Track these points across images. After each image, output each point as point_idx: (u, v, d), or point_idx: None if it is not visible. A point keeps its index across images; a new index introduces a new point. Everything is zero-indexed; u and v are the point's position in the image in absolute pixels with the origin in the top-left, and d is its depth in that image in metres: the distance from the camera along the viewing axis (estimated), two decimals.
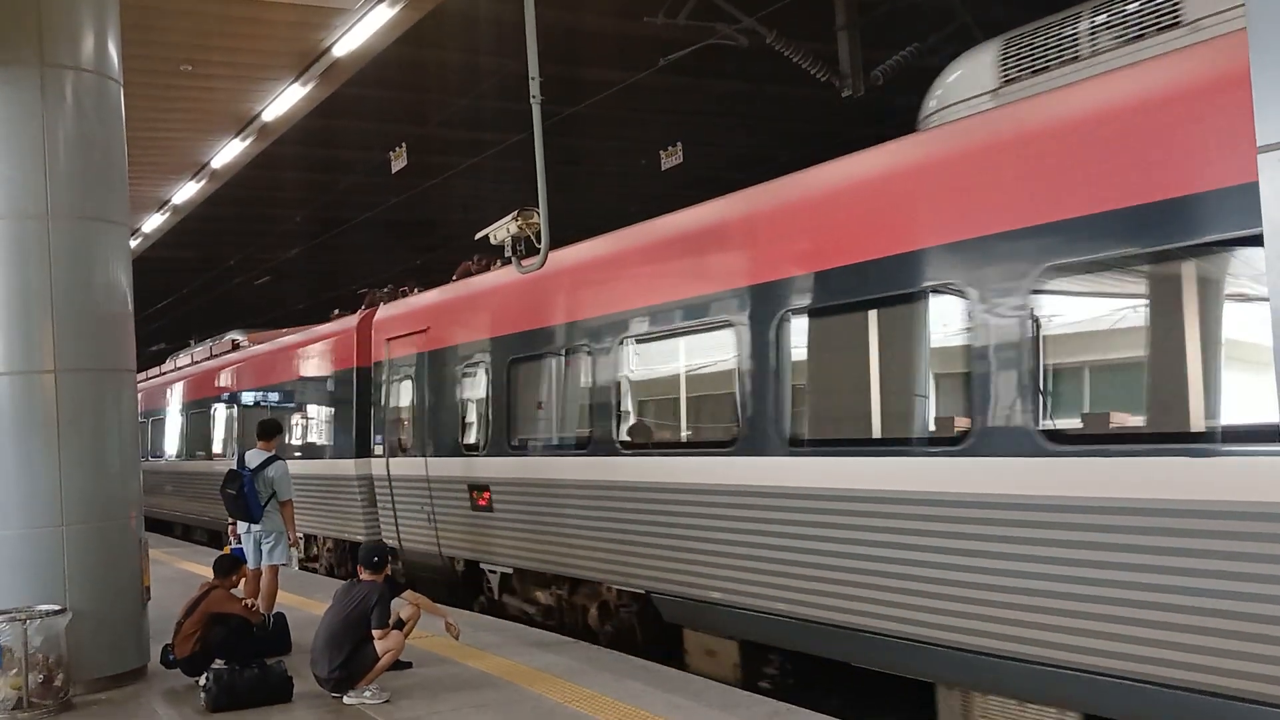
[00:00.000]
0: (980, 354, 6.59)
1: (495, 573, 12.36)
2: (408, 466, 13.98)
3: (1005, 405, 6.41)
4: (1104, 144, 6.07)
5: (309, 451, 17.26)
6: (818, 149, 10.64)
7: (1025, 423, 6.28)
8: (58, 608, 8.38)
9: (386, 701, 8.04)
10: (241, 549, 10.58)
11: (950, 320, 6.94)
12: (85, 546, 8.75)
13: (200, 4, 11.32)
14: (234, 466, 10.76)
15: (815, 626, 7.89)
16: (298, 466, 16.12)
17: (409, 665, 9.00)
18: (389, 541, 14.04)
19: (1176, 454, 5.59)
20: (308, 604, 11.96)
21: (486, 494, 12.08)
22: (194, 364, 25.76)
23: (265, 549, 10.64)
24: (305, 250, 30.85)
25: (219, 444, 22.62)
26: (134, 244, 20.80)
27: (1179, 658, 5.59)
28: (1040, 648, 6.22)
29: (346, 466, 15.68)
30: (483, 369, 12.30)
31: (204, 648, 8.79)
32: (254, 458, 10.72)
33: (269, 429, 11.14)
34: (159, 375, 29.37)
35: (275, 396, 19.13)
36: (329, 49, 12.52)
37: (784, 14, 14.22)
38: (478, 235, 11.44)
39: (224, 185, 19.10)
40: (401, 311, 14.71)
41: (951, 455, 6.72)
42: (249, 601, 9.22)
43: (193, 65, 13.03)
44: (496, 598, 12.34)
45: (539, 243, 9.87)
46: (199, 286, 36.26)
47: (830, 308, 7.84)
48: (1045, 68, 7.02)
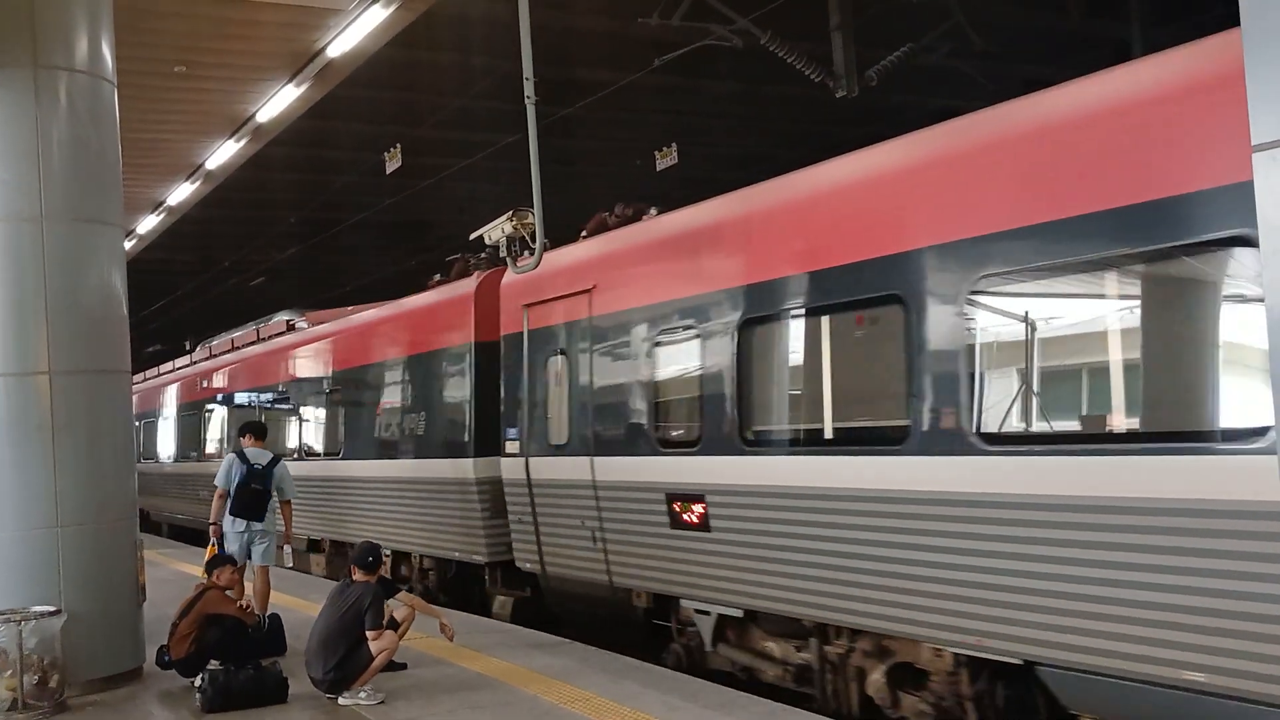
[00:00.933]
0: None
1: (707, 614, 9.25)
2: (561, 468, 10.94)
3: None
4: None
5: (395, 449, 14.51)
6: (813, 149, 10.65)
7: None
8: (53, 609, 8.37)
9: (381, 703, 8.04)
10: (222, 551, 10.46)
11: None
12: (80, 548, 8.74)
13: (194, 5, 11.30)
14: (243, 466, 10.63)
15: None
16: (376, 468, 14.98)
17: (404, 666, 9.00)
18: (526, 563, 11.66)
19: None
20: (303, 605, 11.95)
21: (699, 506, 9.03)
22: (237, 350, 22.49)
23: (259, 549, 10.62)
24: (300, 251, 30.80)
25: (285, 441, 18.69)
26: (129, 245, 20.78)
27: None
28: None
29: (461, 468, 12.77)
30: (695, 336, 9.22)
31: (199, 649, 8.79)
32: (260, 455, 10.70)
33: (260, 428, 11.26)
34: (190, 365, 26.25)
35: (351, 383, 16.21)
36: (323, 50, 12.51)
37: (778, 14, 14.23)
38: (472, 235, 11.43)
39: (218, 187, 19.06)
40: (548, 270, 11.03)
41: None
42: (244, 603, 9.21)
43: (186, 67, 13.01)
44: (709, 647, 9.31)
45: (534, 243, 9.88)
46: (194, 288, 36.22)
47: None
48: None
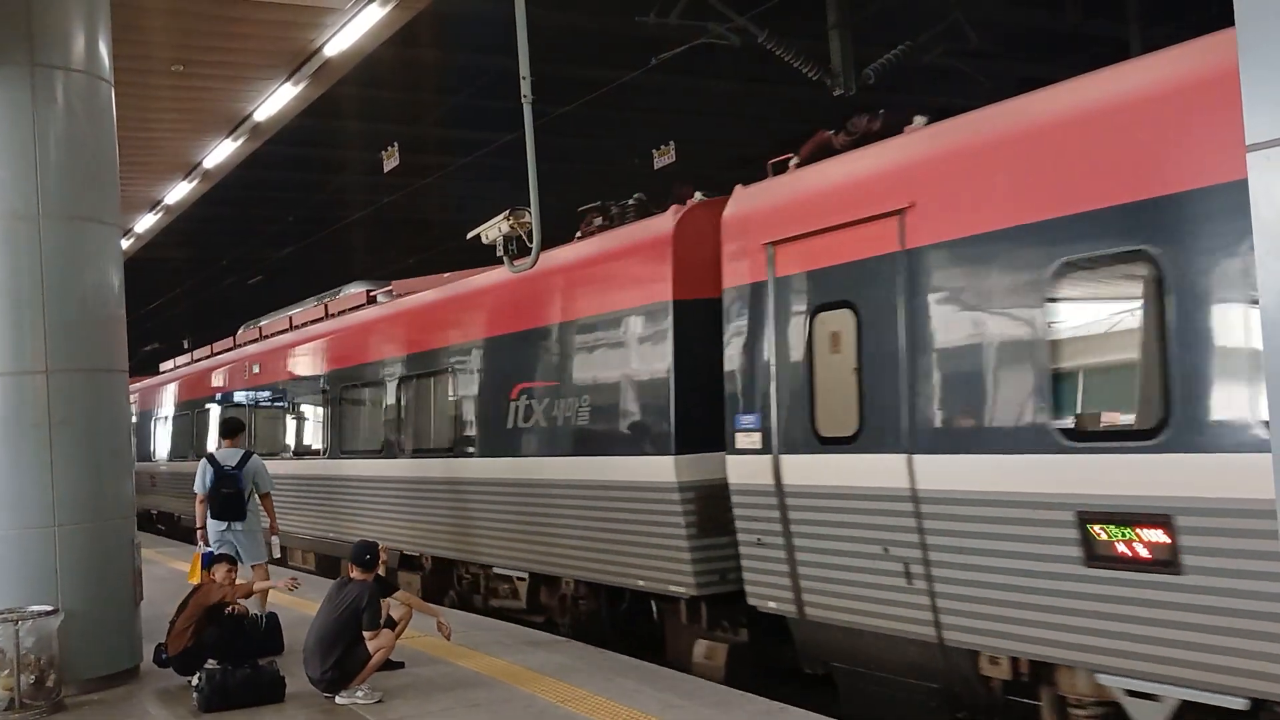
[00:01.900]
0: None
1: (1154, 699, 6.07)
2: (842, 470, 7.79)
3: None
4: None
5: (540, 444, 11.00)
6: None
7: None
8: (50, 608, 8.36)
9: (379, 701, 8.04)
10: (210, 553, 10.46)
11: None
12: (77, 547, 8.73)
13: (191, 4, 11.29)
14: (212, 470, 10.68)
15: None
16: (508, 468, 11.53)
17: (401, 665, 9.00)
18: (770, 602, 8.42)
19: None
20: (300, 604, 11.94)
21: (1157, 534, 5.85)
22: (297, 329, 18.76)
23: (248, 548, 10.63)
24: (298, 250, 30.83)
25: (370, 438, 15.13)
26: (126, 244, 20.84)
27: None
28: None
29: (655, 469, 9.34)
30: (1147, 265, 5.94)
31: (197, 645, 8.78)
32: (230, 456, 10.73)
33: (234, 426, 11.29)
34: (234, 350, 22.11)
35: (469, 363, 12.48)
36: (320, 49, 12.49)
37: (776, 13, 14.26)
38: (469, 235, 11.43)
39: (216, 185, 19.06)
40: (807, 192, 8.39)
41: None
42: (234, 605, 9.16)
43: (184, 65, 13.00)
44: None
45: (530, 242, 9.88)
46: (191, 287, 36.24)
47: None
48: None
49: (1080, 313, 6.58)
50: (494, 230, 10.76)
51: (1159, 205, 5.86)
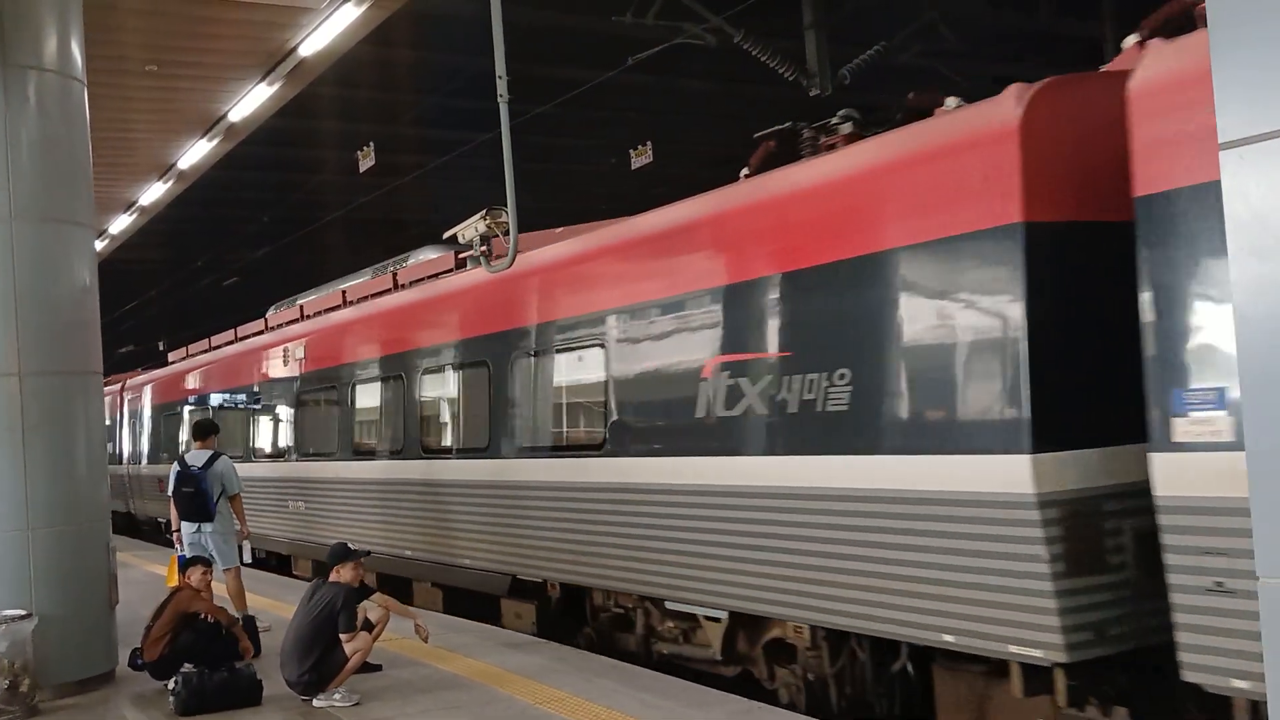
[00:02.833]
0: None
1: None
2: None
3: None
4: None
5: (769, 437, 7.99)
6: None
7: None
8: (24, 612, 8.29)
9: (357, 704, 8.00)
10: (184, 556, 10.43)
11: None
12: (52, 551, 8.66)
13: (164, 4, 11.23)
14: (178, 469, 10.72)
15: None
16: (704, 470, 8.46)
17: (379, 668, 8.96)
18: (1246, 679, 5.35)
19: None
20: (278, 606, 11.90)
21: None
22: (353, 305, 15.60)
23: (221, 550, 10.59)
24: (274, 250, 30.71)
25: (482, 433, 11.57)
26: (101, 246, 20.66)
27: None
28: None
29: (997, 473, 6.41)
30: None
31: (173, 650, 8.72)
32: (198, 457, 10.71)
33: (205, 428, 11.20)
34: (268, 333, 18.62)
35: (634, 332, 9.32)
36: (295, 49, 12.45)
37: (752, 13, 14.28)
38: (446, 234, 11.41)
39: (191, 186, 18.97)
40: None
41: None
42: (210, 614, 9.10)
43: (158, 65, 12.93)
44: None
45: (507, 242, 9.85)
46: (167, 288, 36.04)
47: None
48: None
49: None
50: (470, 230, 10.75)
51: None
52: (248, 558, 11.28)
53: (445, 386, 12.49)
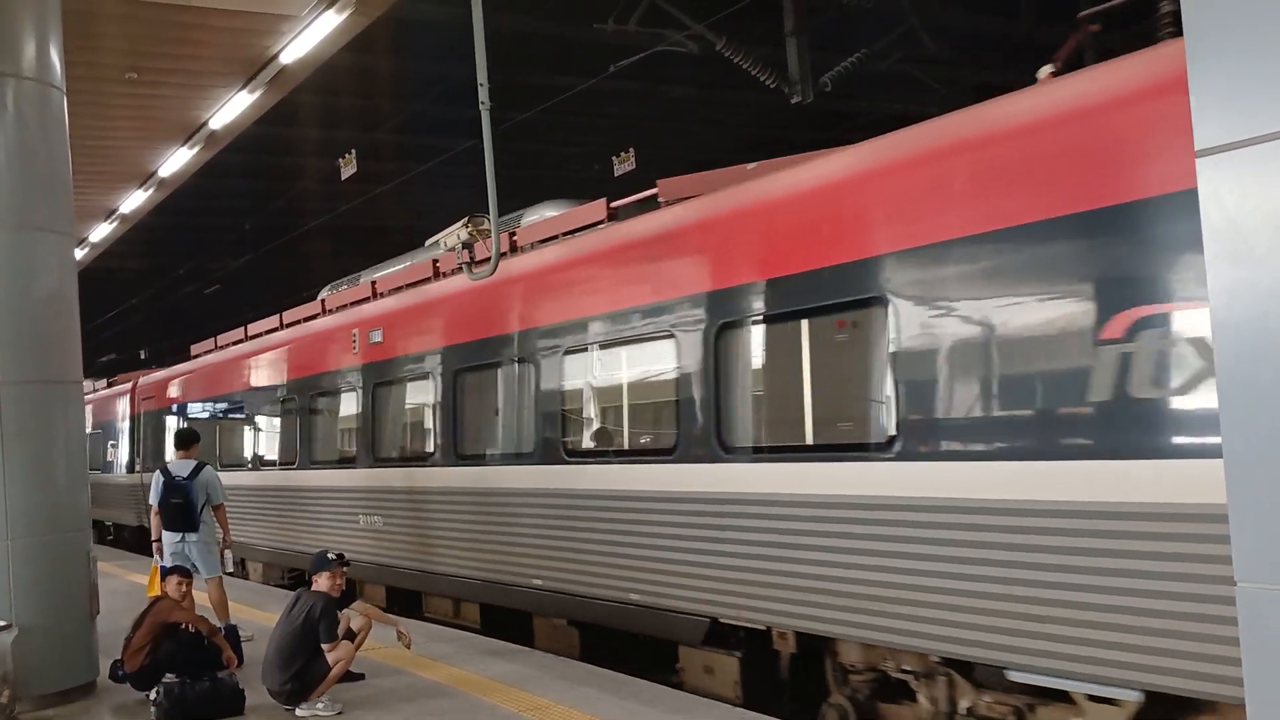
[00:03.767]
0: None
1: None
2: None
3: None
4: None
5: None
6: (771, 154, 10.72)
7: None
8: (3, 623, 8.23)
9: (339, 714, 7.97)
10: (165, 565, 10.37)
11: None
12: (31, 561, 8.60)
13: (144, 11, 11.18)
14: (162, 480, 10.68)
15: None
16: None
17: (361, 676, 8.93)
18: None
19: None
20: (260, 615, 11.85)
21: None
22: (446, 278, 12.65)
23: (203, 560, 10.56)
24: (256, 258, 30.62)
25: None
26: (81, 254, 20.59)
27: None
28: None
29: None
30: None
31: (154, 661, 8.67)
32: (183, 467, 10.69)
33: (188, 438, 11.17)
34: (331, 314, 15.59)
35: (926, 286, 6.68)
36: (276, 56, 12.42)
37: (733, 20, 14.32)
38: (428, 241, 11.38)
39: (172, 194, 18.89)
40: None
41: None
42: (191, 624, 9.05)
43: (138, 73, 12.88)
44: None
45: (490, 249, 9.84)
46: (148, 296, 35.89)
47: None
48: None
49: None
50: (453, 237, 10.73)
51: None
52: (229, 567, 11.24)
53: (625, 366, 9.60)
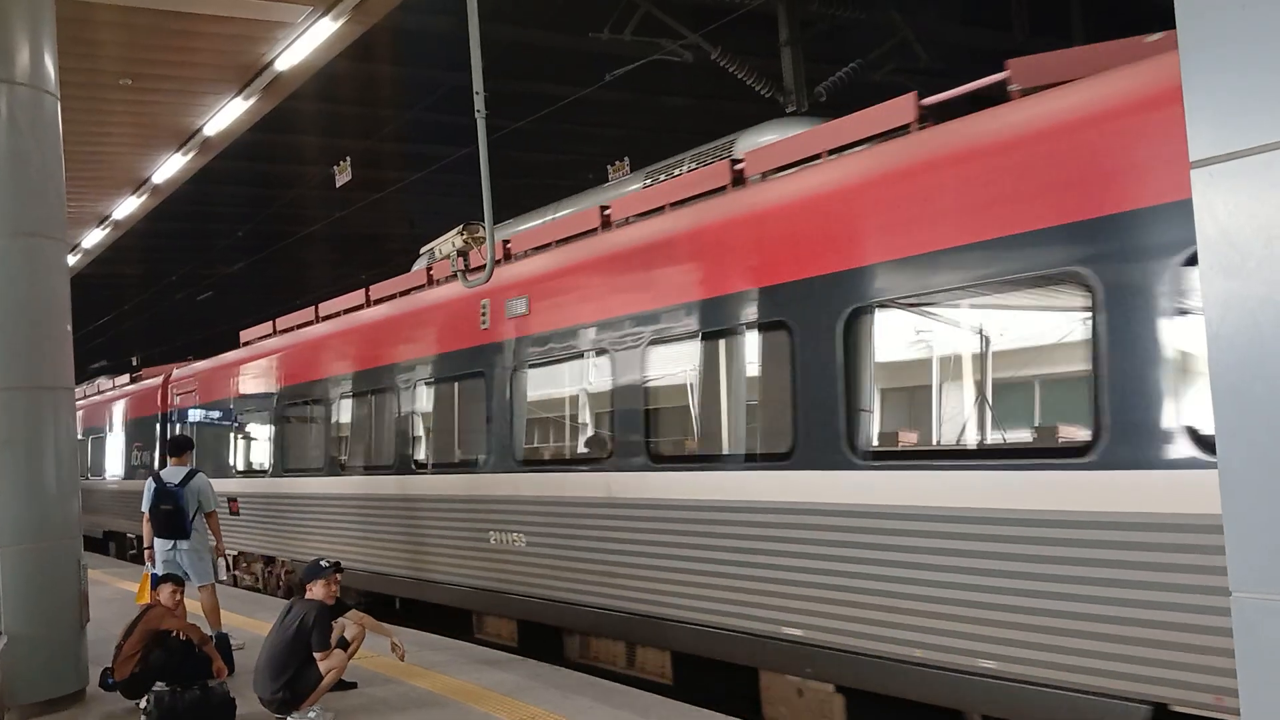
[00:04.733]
0: None
1: None
2: None
3: None
4: None
5: None
6: None
7: None
8: None
9: None
10: (157, 573, 10.34)
11: None
12: (21, 569, 8.56)
13: (139, 17, 11.18)
14: (154, 486, 10.62)
15: None
16: None
17: (354, 685, 8.90)
18: None
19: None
20: (252, 624, 11.81)
21: None
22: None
23: (195, 567, 10.52)
24: (249, 265, 30.61)
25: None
26: (74, 260, 20.55)
27: None
28: None
29: None
30: None
31: (144, 669, 8.63)
32: (174, 474, 10.64)
33: (181, 444, 11.13)
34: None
35: None
36: (271, 63, 12.43)
37: (729, 30, 14.36)
38: (423, 249, 11.38)
39: (166, 200, 18.88)
40: None
41: None
42: (181, 631, 9.02)
43: (132, 79, 12.88)
44: None
45: (485, 257, 9.85)
46: (141, 303, 35.85)
47: None
48: None
49: None
50: (448, 245, 10.73)
51: None
52: (223, 575, 11.17)
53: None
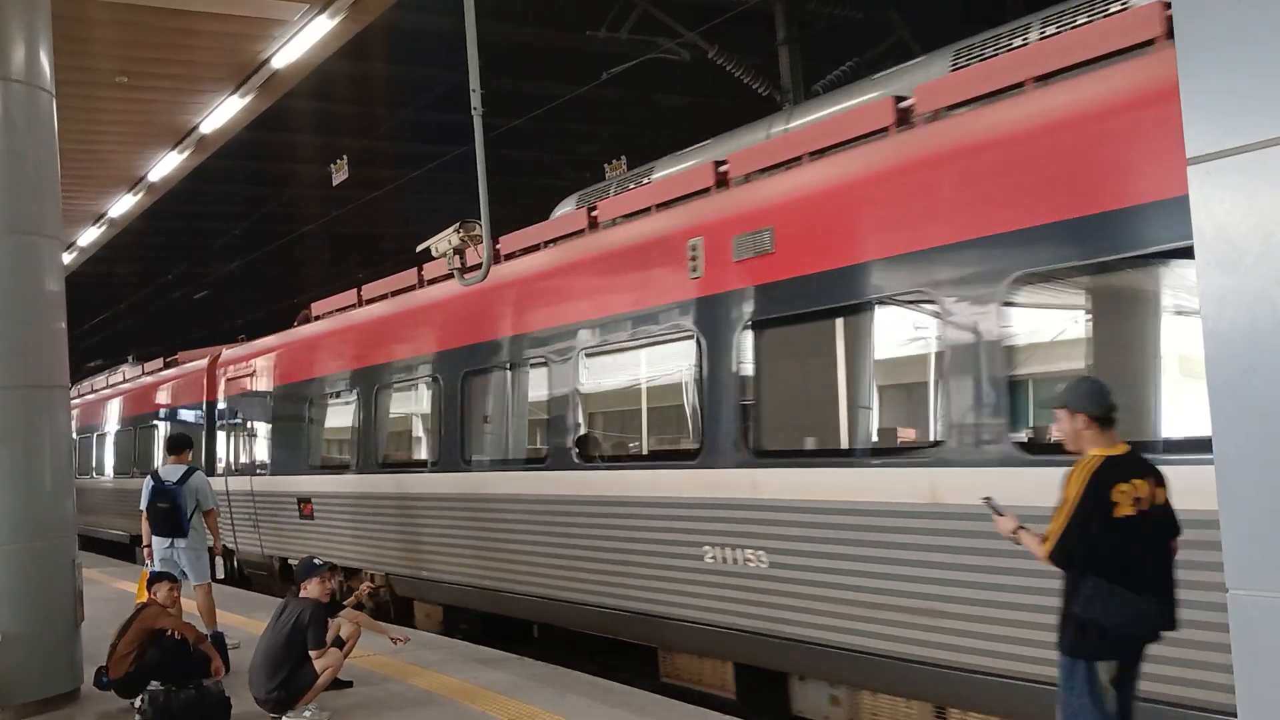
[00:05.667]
0: None
1: None
2: None
3: None
4: None
5: None
6: None
7: None
8: None
9: None
10: (155, 571, 10.32)
11: None
12: (16, 567, 8.54)
13: (135, 15, 11.14)
14: (152, 484, 10.59)
15: None
16: None
17: (350, 684, 8.88)
18: None
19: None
20: (248, 623, 11.79)
21: None
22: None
23: (193, 566, 10.50)
24: (245, 264, 30.57)
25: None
26: (69, 258, 20.50)
27: None
28: None
29: None
30: None
31: (139, 668, 8.61)
32: (173, 472, 10.60)
33: (180, 442, 11.09)
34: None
35: None
36: (267, 61, 12.39)
37: (726, 28, 14.35)
38: (420, 247, 11.36)
39: (161, 198, 18.84)
40: None
41: None
42: (177, 630, 9.01)
43: (128, 77, 12.84)
44: None
45: (481, 255, 9.83)
46: (136, 301, 35.81)
47: None
48: None
49: None
50: (444, 243, 10.71)
51: None
52: (220, 573, 11.17)
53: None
